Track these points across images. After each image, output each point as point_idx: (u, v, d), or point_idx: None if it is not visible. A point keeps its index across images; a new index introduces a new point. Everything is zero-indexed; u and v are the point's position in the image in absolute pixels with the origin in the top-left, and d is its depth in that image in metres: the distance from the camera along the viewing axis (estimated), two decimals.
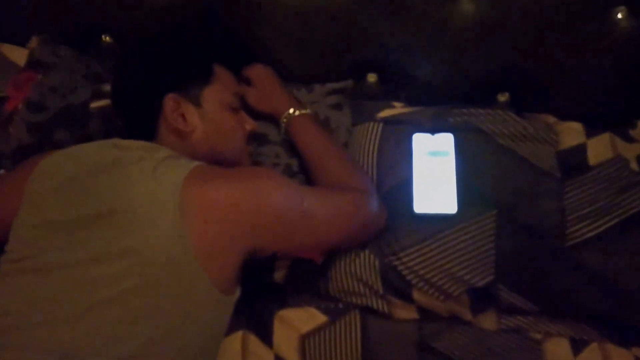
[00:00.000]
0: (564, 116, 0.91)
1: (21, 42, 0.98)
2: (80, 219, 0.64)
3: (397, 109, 0.94)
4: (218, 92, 0.78)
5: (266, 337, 0.79)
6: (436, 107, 0.91)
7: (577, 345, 0.79)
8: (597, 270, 0.80)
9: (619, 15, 0.81)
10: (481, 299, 0.81)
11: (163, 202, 0.63)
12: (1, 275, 0.67)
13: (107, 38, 0.96)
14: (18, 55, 0.97)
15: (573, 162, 0.86)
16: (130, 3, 0.91)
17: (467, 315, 0.81)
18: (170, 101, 0.73)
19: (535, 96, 0.91)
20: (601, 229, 0.81)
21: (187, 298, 0.63)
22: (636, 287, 0.79)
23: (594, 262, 0.80)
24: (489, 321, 0.82)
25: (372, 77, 0.95)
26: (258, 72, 0.88)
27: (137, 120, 0.76)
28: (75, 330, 0.60)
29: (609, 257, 0.80)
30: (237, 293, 0.71)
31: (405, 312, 0.82)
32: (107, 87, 0.89)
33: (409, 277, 0.80)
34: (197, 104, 0.76)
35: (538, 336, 0.80)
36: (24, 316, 0.62)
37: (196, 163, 0.68)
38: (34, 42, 0.96)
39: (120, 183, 0.66)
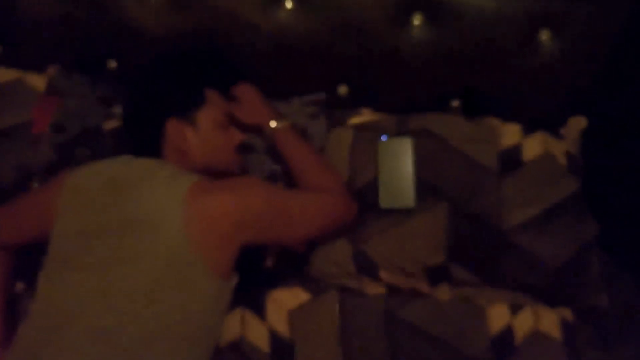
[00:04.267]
0: (507, 118, 1.01)
1: (38, 69, 1.07)
2: (106, 228, 0.77)
3: (366, 115, 1.03)
4: (210, 113, 0.88)
5: (260, 313, 0.90)
6: (398, 114, 1.01)
7: (514, 309, 0.91)
8: (527, 249, 0.92)
9: (544, 37, 0.92)
10: (436, 274, 0.93)
11: (169, 212, 0.75)
12: (49, 272, 0.80)
13: (113, 63, 1.06)
14: (37, 81, 1.06)
15: (510, 159, 0.97)
16: (132, 33, 1.00)
17: (425, 288, 0.93)
18: (172, 125, 0.85)
19: (482, 102, 1.02)
20: (530, 215, 0.93)
21: (194, 286, 0.76)
22: (560, 263, 0.92)
23: (525, 243, 0.92)
24: (442, 292, 0.93)
25: (343, 89, 1.04)
26: (244, 91, 0.96)
27: (145, 141, 0.87)
28: (107, 315, 0.72)
29: (537, 239, 0.92)
30: (235, 279, 0.83)
31: (374, 288, 0.93)
32: (116, 110, 1.00)
33: (376, 260, 0.92)
34: (193, 125, 0.86)
35: (483, 302, 0.91)
36: (69, 304, 0.75)
37: (195, 177, 0.80)
38: (51, 70, 1.05)
39: (136, 197, 0.78)
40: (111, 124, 1.01)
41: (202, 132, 0.88)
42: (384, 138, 0.97)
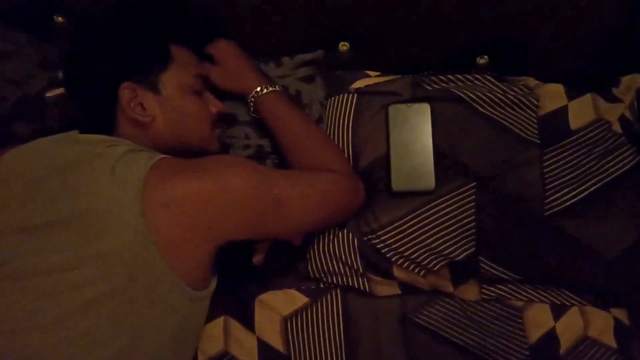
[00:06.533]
0: (546, 78, 0.88)
1: None
2: (48, 223, 0.63)
3: (372, 78, 0.91)
4: (177, 75, 0.74)
5: (247, 322, 0.82)
6: (413, 75, 0.89)
7: (558, 311, 0.82)
8: (577, 238, 0.81)
9: None
10: (462, 271, 0.83)
11: (124, 204, 0.62)
12: None
13: (60, 18, 0.92)
14: None
15: (554, 127, 0.85)
16: None
17: (449, 287, 0.83)
18: (125, 90, 0.70)
19: (515, 58, 0.89)
20: (581, 196, 0.82)
21: (159, 299, 0.63)
22: (616, 253, 0.81)
23: (574, 230, 0.81)
24: (470, 292, 0.84)
25: (344, 46, 0.90)
26: (222, 48, 0.84)
27: (94, 112, 0.73)
28: (49, 337, 0.60)
29: (588, 224, 0.81)
30: (213, 285, 0.71)
31: (386, 289, 0.84)
32: (62, 75, 0.85)
33: (388, 255, 0.82)
34: (155, 90, 0.73)
35: (519, 304, 0.83)
36: None
37: (158, 157, 0.66)
38: None
39: (82, 185, 0.65)
40: (56, 92, 0.89)
41: (167, 100, 0.74)
42: (395, 104, 0.85)
